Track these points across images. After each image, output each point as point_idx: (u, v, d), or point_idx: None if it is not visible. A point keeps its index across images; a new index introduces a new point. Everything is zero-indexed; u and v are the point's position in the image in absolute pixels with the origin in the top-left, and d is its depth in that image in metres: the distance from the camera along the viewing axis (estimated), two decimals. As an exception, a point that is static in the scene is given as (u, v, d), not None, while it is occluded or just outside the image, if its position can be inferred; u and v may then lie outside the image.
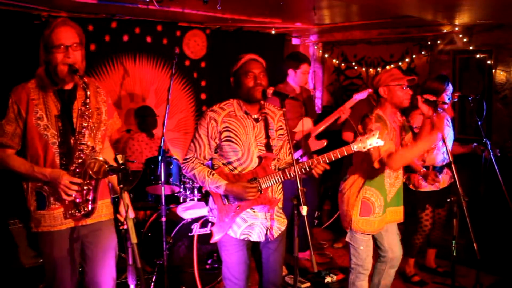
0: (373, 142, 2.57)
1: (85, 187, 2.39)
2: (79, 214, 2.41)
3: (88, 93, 2.38)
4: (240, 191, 2.56)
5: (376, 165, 2.92)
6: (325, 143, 4.37)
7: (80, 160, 2.38)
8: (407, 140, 3.63)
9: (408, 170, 3.86)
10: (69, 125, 2.40)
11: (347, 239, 3.15)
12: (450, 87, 3.91)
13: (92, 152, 2.45)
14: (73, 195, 2.36)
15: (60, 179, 2.31)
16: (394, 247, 3.22)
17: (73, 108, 2.43)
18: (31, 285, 3.78)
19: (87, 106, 2.40)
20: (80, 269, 2.61)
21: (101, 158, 2.35)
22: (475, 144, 4.18)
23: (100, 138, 2.53)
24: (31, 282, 3.80)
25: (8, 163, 2.38)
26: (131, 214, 2.38)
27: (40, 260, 3.75)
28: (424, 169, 3.72)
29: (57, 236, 2.41)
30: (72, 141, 2.39)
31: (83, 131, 2.39)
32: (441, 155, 3.91)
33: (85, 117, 2.40)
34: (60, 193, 2.33)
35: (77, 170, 2.38)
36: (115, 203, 2.65)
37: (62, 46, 2.31)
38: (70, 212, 2.41)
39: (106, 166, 2.33)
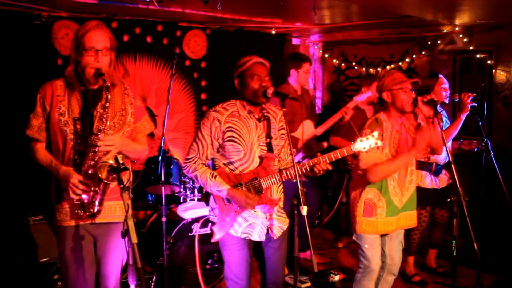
0: (372, 142, 2.59)
1: (92, 189, 2.41)
2: (84, 214, 2.44)
3: (109, 96, 2.41)
4: (241, 200, 2.59)
5: (360, 171, 2.94)
6: (326, 145, 4.37)
7: (92, 162, 2.40)
8: None
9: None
10: (88, 126, 2.44)
11: (353, 237, 3.16)
12: (443, 81, 3.95)
13: (105, 155, 2.43)
14: (81, 195, 2.39)
15: (69, 177, 2.36)
16: (394, 254, 3.21)
17: (96, 109, 2.46)
18: (47, 281, 3.81)
19: (106, 110, 2.42)
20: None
21: (111, 162, 2.33)
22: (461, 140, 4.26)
23: None
24: (47, 278, 3.83)
25: (35, 156, 2.51)
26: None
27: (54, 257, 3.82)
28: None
29: (69, 232, 2.47)
30: (88, 142, 2.40)
31: (99, 133, 2.40)
32: (444, 153, 3.93)
33: (103, 120, 2.41)
34: (68, 191, 2.37)
35: (89, 171, 2.39)
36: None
37: (92, 50, 2.38)
38: (76, 211, 2.44)
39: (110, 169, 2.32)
